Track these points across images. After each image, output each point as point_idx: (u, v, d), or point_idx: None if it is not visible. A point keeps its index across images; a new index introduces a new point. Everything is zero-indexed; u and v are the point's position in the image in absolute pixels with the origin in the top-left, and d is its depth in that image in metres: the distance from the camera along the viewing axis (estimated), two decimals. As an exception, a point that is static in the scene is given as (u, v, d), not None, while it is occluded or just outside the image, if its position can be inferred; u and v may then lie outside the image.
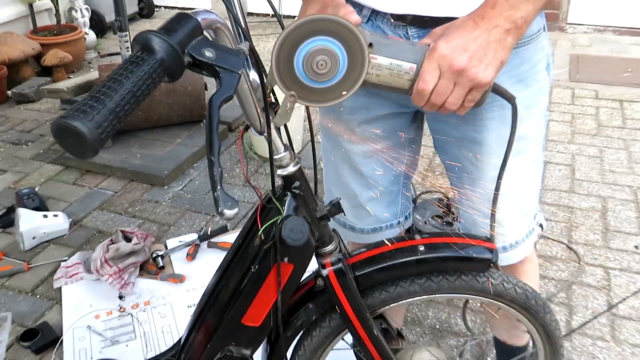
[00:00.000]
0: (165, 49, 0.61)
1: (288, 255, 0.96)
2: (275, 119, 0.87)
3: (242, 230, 1.06)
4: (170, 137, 3.22)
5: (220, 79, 0.65)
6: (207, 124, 0.63)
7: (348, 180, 1.28)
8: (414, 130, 1.27)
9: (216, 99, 0.64)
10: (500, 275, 1.09)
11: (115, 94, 0.56)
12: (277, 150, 0.92)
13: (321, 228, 1.01)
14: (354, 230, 1.36)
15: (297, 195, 0.97)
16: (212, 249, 2.35)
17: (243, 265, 1.01)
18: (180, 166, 2.99)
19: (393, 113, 1.19)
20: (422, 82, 0.86)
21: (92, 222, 2.61)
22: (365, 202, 1.30)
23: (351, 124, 1.21)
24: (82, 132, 0.53)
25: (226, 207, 0.60)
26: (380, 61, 0.86)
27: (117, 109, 0.56)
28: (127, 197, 2.81)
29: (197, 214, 2.66)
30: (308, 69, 0.83)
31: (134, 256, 2.20)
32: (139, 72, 0.59)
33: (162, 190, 2.86)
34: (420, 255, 1.05)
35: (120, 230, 2.33)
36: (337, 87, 0.85)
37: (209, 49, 0.66)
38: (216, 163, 0.61)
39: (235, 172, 2.99)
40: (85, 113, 0.54)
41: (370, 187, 1.28)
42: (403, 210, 1.36)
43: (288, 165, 0.94)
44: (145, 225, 2.58)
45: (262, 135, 0.89)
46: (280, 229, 0.93)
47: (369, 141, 1.22)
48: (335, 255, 1.04)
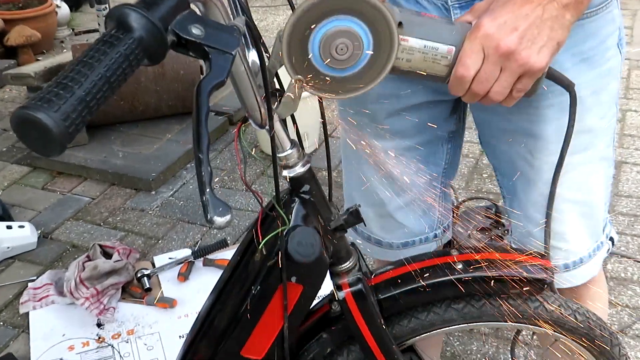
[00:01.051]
0: (144, 26, 0.63)
1: (296, 274, 0.97)
2: (279, 109, 0.88)
3: (240, 244, 1.08)
4: (159, 132, 3.27)
5: (210, 61, 0.67)
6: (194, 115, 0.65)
7: (373, 185, 1.29)
8: (454, 123, 1.27)
9: (205, 85, 0.66)
10: (557, 300, 1.09)
11: (85, 80, 0.58)
12: (282, 146, 0.93)
13: (336, 241, 1.02)
14: (380, 245, 1.37)
15: (306, 201, 0.98)
16: (208, 268, 2.37)
17: (242, 286, 1.02)
18: (170, 167, 3.03)
19: (428, 102, 1.20)
20: (462, 67, 0.87)
21: (65, 234, 2.66)
22: (394, 211, 1.31)
23: (377, 115, 1.22)
24: (47, 125, 0.54)
25: (216, 213, 0.62)
26: (412, 43, 0.87)
27: (88, 98, 0.58)
28: (107, 204, 2.85)
29: (191, 225, 2.69)
30: (326, 54, 0.84)
31: (115, 276, 2.24)
32: (113, 54, 0.60)
33: (149, 196, 2.91)
34: (458, 275, 1.05)
35: (98, 245, 2.36)
36: (360, 75, 0.86)
37: (196, 25, 0.67)
38: (205, 161, 0.63)
39: (237, 174, 3.02)
40: (50, 102, 0.56)
41: (400, 192, 1.29)
42: (440, 221, 1.36)
43: (295, 165, 0.95)
44: (129, 239, 2.62)
45: (262, 129, 0.90)
46: (286, 242, 0.94)
47: (398, 136, 1.23)
48: (354, 274, 1.05)
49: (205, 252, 2.41)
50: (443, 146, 1.28)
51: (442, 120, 1.24)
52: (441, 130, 1.25)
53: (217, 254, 2.42)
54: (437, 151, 1.28)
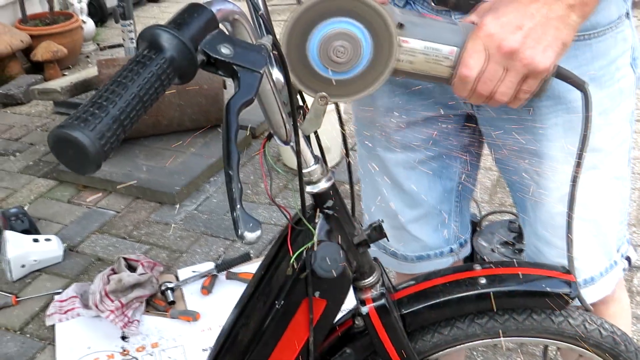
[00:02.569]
0: (175, 46, 0.65)
1: (319, 289, 0.98)
2: (303, 125, 0.90)
3: (265, 258, 1.09)
4: (183, 146, 3.31)
5: (239, 79, 0.69)
6: (224, 133, 0.67)
7: (387, 197, 1.30)
8: (467, 137, 1.27)
9: (234, 103, 0.68)
10: (582, 315, 1.09)
11: (119, 99, 0.60)
12: (306, 162, 0.95)
13: (360, 256, 1.03)
14: (395, 257, 1.38)
15: (330, 216, 0.99)
16: (231, 281, 2.39)
17: (266, 300, 1.03)
18: (194, 181, 3.06)
19: (438, 116, 1.20)
20: (465, 67, 0.86)
21: (91, 247, 2.70)
22: (408, 224, 1.32)
23: (387, 128, 1.22)
24: (83, 144, 0.57)
25: (247, 229, 0.63)
26: (413, 45, 0.87)
27: (122, 117, 0.60)
28: (132, 218, 2.89)
29: (215, 238, 2.72)
30: (324, 57, 0.85)
31: (140, 289, 2.27)
32: (146, 74, 0.63)
33: (173, 209, 2.94)
34: (481, 290, 1.06)
35: (123, 258, 2.39)
36: (360, 77, 0.87)
37: (225, 44, 0.69)
38: (235, 178, 0.64)
39: (260, 188, 3.04)
40: (86, 122, 0.58)
41: (413, 205, 1.29)
42: (457, 235, 1.36)
43: (319, 180, 0.96)
44: (153, 252, 2.66)
45: (287, 145, 0.92)
46: (311, 257, 0.95)
47: (409, 149, 1.23)
48: (378, 289, 1.06)
49: (229, 266, 2.43)
50: (456, 160, 1.28)
51: (454, 133, 1.24)
52: (454, 143, 1.25)
53: (240, 268, 2.44)
54: (450, 165, 1.28)
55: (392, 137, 1.22)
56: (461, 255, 1.38)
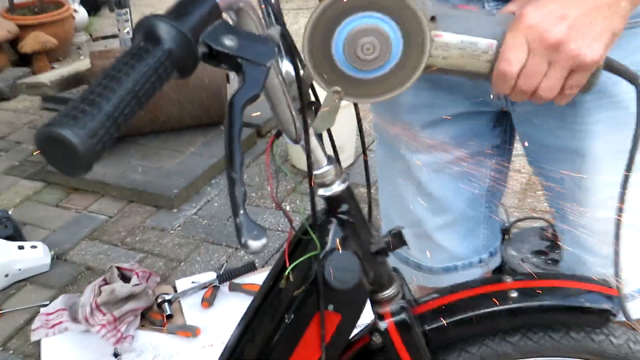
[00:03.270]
0: (174, 38, 0.65)
1: (333, 302, 0.98)
2: (315, 122, 0.90)
3: (272, 268, 1.09)
4: (182, 145, 3.32)
5: (244, 73, 0.68)
6: (226, 131, 0.66)
7: (409, 202, 1.30)
8: (498, 136, 1.27)
9: (238, 100, 0.67)
10: (625, 333, 1.08)
11: (112, 95, 0.60)
12: (319, 163, 0.95)
13: (377, 266, 1.03)
14: (419, 269, 1.38)
15: (344, 222, 0.99)
16: (235, 293, 2.39)
17: (274, 314, 1.03)
18: (194, 183, 3.07)
19: (468, 112, 1.20)
20: (505, 62, 0.86)
21: (80, 255, 2.71)
22: (433, 232, 1.31)
23: (412, 127, 1.22)
24: (73, 143, 0.56)
25: (251, 237, 0.63)
26: (447, 39, 0.87)
27: (116, 114, 0.60)
28: (126, 223, 2.90)
29: (216, 246, 2.72)
30: (351, 55, 0.85)
31: (134, 301, 2.27)
32: (142, 68, 0.62)
33: (171, 214, 2.95)
34: (513, 304, 1.05)
35: (116, 267, 2.40)
36: (390, 76, 0.87)
37: (229, 36, 0.69)
38: (238, 181, 0.64)
39: (266, 191, 3.04)
40: (76, 119, 0.58)
41: (439, 211, 1.29)
42: (487, 244, 1.36)
43: (332, 183, 0.96)
44: (149, 261, 2.66)
45: (297, 144, 0.92)
46: (323, 267, 0.95)
47: (435, 150, 1.23)
48: (398, 303, 1.06)
49: (232, 276, 2.43)
50: (487, 161, 1.28)
51: (484, 132, 1.24)
52: (484, 143, 1.25)
53: (245, 278, 2.44)
54: (481, 167, 1.28)
55: (416, 136, 1.22)
56: (491, 265, 1.38)
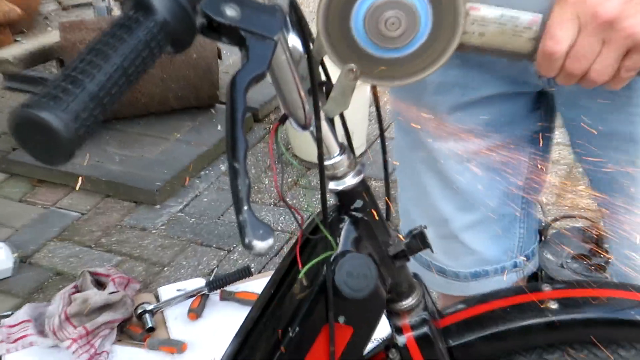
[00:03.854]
0: (168, 7, 0.65)
1: (344, 313, 0.99)
2: (327, 105, 0.90)
3: (274, 273, 1.10)
4: (166, 131, 3.32)
5: (248, 48, 0.69)
6: (228, 115, 0.67)
7: (434, 197, 1.31)
8: (537, 121, 1.28)
9: (242, 78, 0.68)
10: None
11: (98, 73, 0.60)
12: (330, 152, 0.95)
13: (396, 272, 1.03)
14: (444, 274, 1.38)
15: (358, 220, 0.99)
16: (227, 303, 2.40)
17: (276, 326, 1.03)
18: (180, 175, 3.08)
19: (503, 94, 1.20)
20: (551, 40, 0.87)
21: (48, 258, 2.71)
22: (461, 232, 1.32)
23: (439, 111, 1.23)
24: (54, 127, 0.57)
25: (256, 236, 0.63)
26: (484, 13, 0.88)
27: (101, 94, 0.60)
28: (100, 221, 2.91)
29: (205, 248, 2.73)
30: (372, 30, 0.85)
31: (110, 312, 2.27)
32: (132, 41, 0.63)
33: (153, 211, 2.96)
34: (552, 317, 1.05)
35: (89, 272, 2.40)
36: (418, 55, 0.87)
37: (231, 4, 0.69)
38: (242, 172, 0.64)
39: (263, 185, 3.05)
40: (57, 99, 0.58)
41: (468, 208, 1.30)
42: (523, 245, 1.37)
43: (345, 175, 0.97)
44: (127, 265, 2.67)
45: (306, 131, 0.92)
46: (334, 272, 0.96)
47: (465, 137, 1.24)
48: (418, 314, 1.06)
49: (224, 283, 2.43)
50: (524, 150, 1.28)
51: (521, 117, 1.25)
52: (521, 129, 1.26)
53: (239, 285, 2.44)
54: (516, 156, 1.28)
55: (442, 121, 1.23)
56: (526, 271, 1.39)
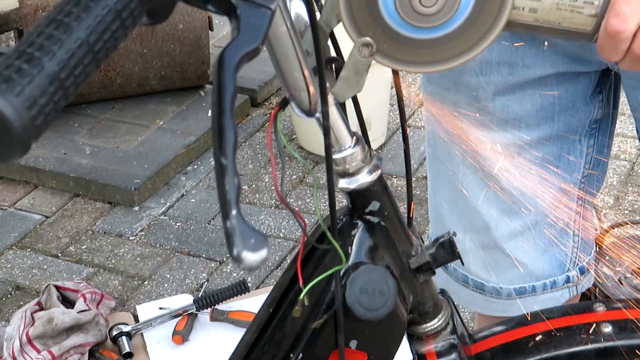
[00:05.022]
0: None
1: (357, 337, 0.99)
2: (336, 87, 0.90)
3: (273, 289, 1.10)
4: (146, 117, 3.33)
5: (239, 19, 0.68)
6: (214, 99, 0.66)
7: (474, 199, 1.32)
8: (598, 107, 1.28)
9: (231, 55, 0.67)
10: None
11: (59, 49, 0.60)
12: (340, 143, 0.95)
13: (419, 288, 1.03)
14: (482, 291, 1.39)
15: (374, 226, 0.99)
16: (219, 323, 2.41)
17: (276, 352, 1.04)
18: (162, 170, 3.09)
19: (559, 74, 1.21)
20: (616, 17, 0.88)
21: (6, 269, 2.72)
22: (505, 240, 1.33)
23: (481, 94, 1.23)
24: (5, 115, 0.57)
25: (247, 247, 0.62)
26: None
27: (63, 74, 0.60)
28: (68, 225, 2.92)
29: (193, 258, 2.74)
30: (404, 6, 0.86)
31: (80, 333, 2.28)
32: (99, 10, 0.62)
33: (131, 213, 2.96)
34: (606, 343, 1.06)
35: (54, 287, 2.41)
36: (457, 36, 0.88)
37: None
38: (230, 169, 0.64)
39: (263, 183, 3.05)
40: (9, 82, 0.58)
41: (514, 212, 1.30)
42: (577, 257, 1.37)
43: (358, 171, 0.97)
44: (100, 278, 2.68)
45: (311, 118, 0.92)
46: (345, 289, 0.96)
47: (512, 126, 1.25)
48: (446, 339, 1.06)
49: (215, 301, 2.43)
50: (582, 142, 1.29)
51: (581, 102, 1.25)
52: (579, 117, 1.26)
53: (232, 303, 2.44)
54: (573, 150, 1.29)
55: (485, 105, 1.23)
56: (580, 287, 1.39)
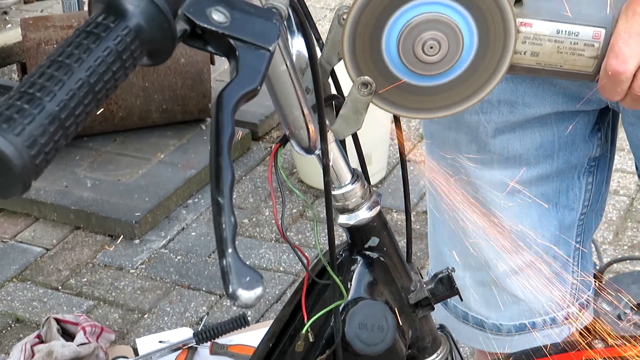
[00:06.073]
0: (144, 10, 0.65)
1: (356, 373, 0.99)
2: (336, 124, 0.91)
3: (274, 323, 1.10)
4: (147, 150, 3.34)
5: (238, 60, 0.69)
6: (212, 138, 0.67)
7: (473, 234, 1.31)
8: (597, 145, 1.29)
9: (230, 95, 0.67)
10: None
11: (59, 89, 0.60)
12: (339, 180, 0.96)
13: (418, 323, 1.03)
14: (482, 328, 1.39)
15: (373, 262, 1.00)
16: (218, 357, 2.40)
17: (275, 387, 1.04)
18: (163, 204, 3.09)
19: (559, 113, 1.21)
20: (616, 58, 0.89)
21: (6, 302, 2.72)
22: (505, 277, 1.33)
23: (481, 131, 1.24)
24: (5, 154, 0.57)
25: (242, 284, 0.63)
26: (538, 29, 0.89)
27: (63, 114, 0.60)
28: (68, 258, 2.91)
29: (193, 291, 2.74)
30: (407, 54, 0.86)
31: (79, 367, 2.27)
32: (100, 51, 0.63)
33: (132, 246, 2.96)
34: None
35: (54, 319, 2.40)
36: (459, 83, 0.89)
37: (218, 7, 0.69)
38: (226, 208, 0.64)
39: (263, 217, 3.05)
40: (10, 121, 0.58)
41: (512, 249, 1.29)
42: (577, 292, 1.37)
43: (358, 207, 0.97)
44: (100, 311, 2.67)
45: (311, 155, 0.93)
46: (344, 324, 0.96)
47: (512, 163, 1.25)
48: (444, 375, 1.06)
49: (215, 334, 2.42)
50: (581, 179, 1.30)
51: (579, 140, 1.25)
52: (578, 155, 1.27)
53: (232, 337, 2.44)
54: (572, 187, 1.29)
55: (486, 144, 1.24)
56: (580, 324, 1.39)
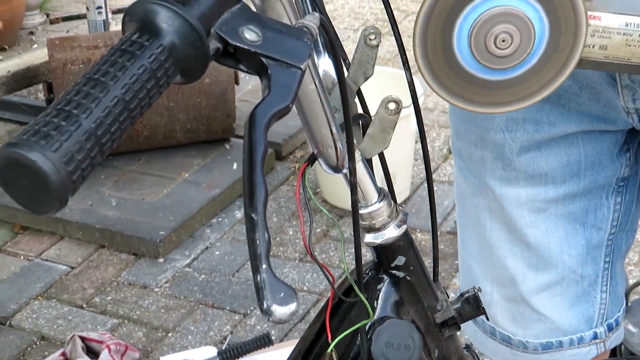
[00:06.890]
0: (178, 29, 0.66)
1: (383, 392, 0.99)
2: (364, 143, 0.92)
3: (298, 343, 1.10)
4: (171, 170, 3.35)
5: (270, 78, 0.70)
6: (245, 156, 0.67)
7: (500, 253, 1.31)
8: (626, 164, 1.28)
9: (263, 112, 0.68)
10: None
11: (95, 106, 0.61)
12: (366, 199, 0.96)
13: (444, 342, 1.04)
14: (509, 345, 1.38)
15: (400, 280, 1.00)
16: (242, 377, 2.40)
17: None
18: (187, 223, 3.10)
19: (586, 132, 1.21)
20: None
21: (32, 319, 2.73)
22: (532, 294, 1.32)
23: (506, 150, 1.24)
24: (43, 170, 0.58)
25: (276, 300, 0.63)
26: (607, 22, 0.89)
27: (99, 131, 0.61)
28: (93, 276, 2.93)
29: (217, 310, 2.74)
30: (480, 48, 0.87)
31: (103, 385, 2.28)
32: (135, 69, 0.63)
33: (156, 265, 2.97)
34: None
35: (79, 337, 2.42)
36: (530, 76, 0.89)
37: (251, 27, 0.70)
38: (260, 224, 0.65)
39: (287, 237, 3.06)
40: (48, 138, 0.59)
41: (541, 266, 1.30)
42: (605, 313, 1.36)
43: (384, 226, 0.97)
44: (124, 329, 2.68)
45: (338, 173, 0.93)
46: (370, 342, 0.96)
47: (538, 182, 1.25)
48: (471, 395, 1.07)
49: (239, 353, 2.42)
50: (609, 199, 1.29)
51: (606, 159, 1.25)
52: (606, 175, 1.26)
53: (256, 356, 2.44)
54: (600, 207, 1.29)
55: (512, 162, 1.24)
56: (609, 344, 1.38)
